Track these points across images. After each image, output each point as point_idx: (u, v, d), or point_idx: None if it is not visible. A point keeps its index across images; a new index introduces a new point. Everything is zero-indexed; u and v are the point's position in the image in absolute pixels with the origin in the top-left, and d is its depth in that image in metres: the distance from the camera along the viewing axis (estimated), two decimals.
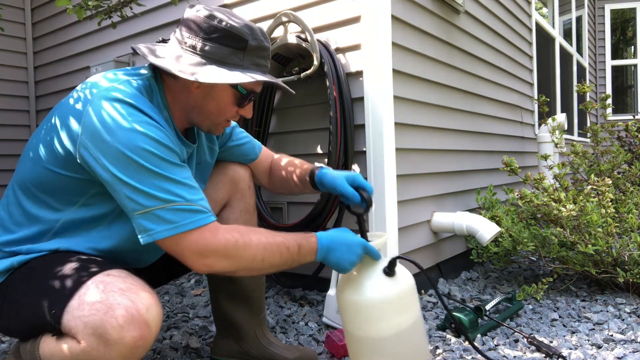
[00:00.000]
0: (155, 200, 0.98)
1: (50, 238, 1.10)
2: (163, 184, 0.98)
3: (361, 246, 1.17)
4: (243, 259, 1.05)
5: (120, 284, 0.95)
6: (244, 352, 1.49)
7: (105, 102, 1.00)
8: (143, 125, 0.99)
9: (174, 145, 1.04)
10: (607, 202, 2.19)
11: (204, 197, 1.05)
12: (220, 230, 1.03)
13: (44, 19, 3.60)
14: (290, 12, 2.03)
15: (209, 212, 1.03)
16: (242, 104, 1.17)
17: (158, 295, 0.99)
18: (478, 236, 2.21)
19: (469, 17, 2.75)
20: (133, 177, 0.97)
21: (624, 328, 1.84)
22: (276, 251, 1.08)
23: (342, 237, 1.17)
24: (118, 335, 0.89)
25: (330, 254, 1.15)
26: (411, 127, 2.20)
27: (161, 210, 0.98)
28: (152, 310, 0.93)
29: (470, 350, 1.64)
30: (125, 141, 0.97)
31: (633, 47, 7.87)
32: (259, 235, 1.08)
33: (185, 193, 1.00)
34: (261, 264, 1.07)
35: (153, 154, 0.98)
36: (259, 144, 1.52)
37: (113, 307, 0.90)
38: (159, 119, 1.05)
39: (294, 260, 1.12)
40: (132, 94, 1.03)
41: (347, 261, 1.15)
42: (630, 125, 3.32)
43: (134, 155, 0.97)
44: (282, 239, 1.10)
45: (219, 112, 1.16)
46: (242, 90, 1.14)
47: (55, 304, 0.95)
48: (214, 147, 1.38)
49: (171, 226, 0.98)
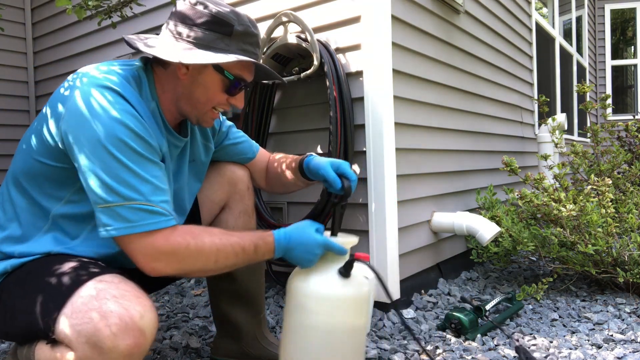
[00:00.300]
0: (116, 195, 0.97)
1: (41, 236, 1.09)
2: (128, 178, 0.98)
3: (319, 246, 1.15)
4: (195, 262, 1.05)
5: (113, 290, 0.94)
6: (243, 353, 1.49)
7: (93, 88, 1.00)
8: (124, 114, 0.99)
9: (151, 139, 1.04)
10: (607, 202, 2.19)
11: (168, 200, 1.04)
12: (174, 234, 1.03)
13: (44, 19, 3.60)
14: (290, 12, 2.03)
15: (168, 216, 1.02)
16: (231, 91, 1.15)
17: (152, 301, 0.98)
18: (478, 236, 2.21)
19: (469, 17, 2.75)
20: (101, 166, 0.97)
21: (624, 328, 1.84)
22: (230, 253, 1.08)
23: (301, 236, 1.16)
24: (112, 343, 0.88)
25: (288, 253, 1.15)
26: (411, 127, 2.20)
27: (120, 208, 0.97)
28: (147, 317, 0.92)
29: (471, 350, 1.64)
30: (102, 127, 0.97)
31: (633, 47, 7.87)
32: (213, 237, 1.08)
33: (148, 192, 1.00)
34: (215, 265, 1.07)
35: (127, 145, 0.98)
36: (256, 145, 1.52)
37: (106, 315, 0.89)
38: (144, 110, 1.06)
39: (250, 260, 1.13)
40: (119, 82, 1.04)
41: (305, 260, 1.15)
42: (630, 125, 3.33)
43: (108, 142, 0.97)
44: (237, 240, 1.10)
45: (207, 99, 1.14)
46: (229, 76, 1.13)
47: (48, 312, 0.94)
48: (210, 144, 1.38)
49: (127, 225, 0.98)
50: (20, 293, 1.03)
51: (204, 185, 1.42)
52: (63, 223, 1.10)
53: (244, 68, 1.15)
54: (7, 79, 3.62)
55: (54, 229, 1.10)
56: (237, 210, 1.44)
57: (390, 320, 1.91)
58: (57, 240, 1.10)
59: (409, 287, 2.14)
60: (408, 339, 1.74)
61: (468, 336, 1.73)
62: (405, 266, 2.10)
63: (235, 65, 1.13)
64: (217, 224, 1.44)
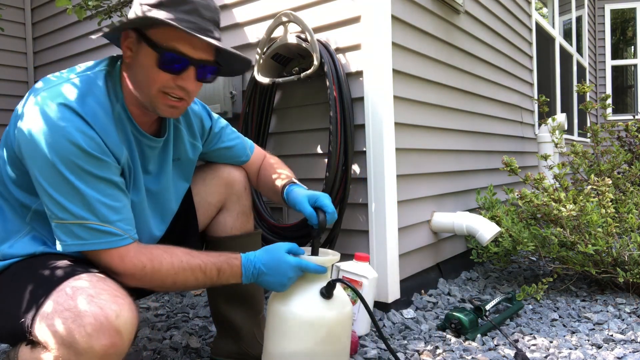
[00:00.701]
0: (68, 214, 0.98)
1: (23, 236, 1.09)
2: (79, 199, 0.98)
3: (292, 269, 1.14)
4: (152, 281, 1.07)
5: (90, 289, 0.92)
6: (243, 353, 1.49)
7: (44, 106, 0.99)
8: (74, 132, 0.97)
9: (105, 155, 1.01)
10: (607, 202, 2.18)
11: (123, 218, 1.04)
12: (129, 256, 1.04)
13: (44, 19, 3.60)
14: (290, 12, 2.03)
15: (123, 235, 1.03)
16: (166, 67, 1.04)
17: (132, 299, 0.97)
18: (478, 236, 2.21)
19: (469, 17, 2.75)
20: (53, 185, 0.97)
21: (624, 328, 1.84)
22: (190, 276, 1.09)
23: (271, 259, 1.15)
24: (87, 344, 0.86)
25: (260, 278, 1.15)
26: (411, 127, 2.20)
27: (73, 226, 0.98)
28: (123, 315, 0.90)
29: (471, 350, 1.64)
30: (52, 147, 0.96)
31: (633, 47, 7.87)
32: (173, 258, 1.08)
33: (101, 212, 1.00)
34: (173, 286, 1.10)
35: (77, 165, 0.97)
36: (250, 144, 1.49)
37: (81, 315, 0.87)
38: (103, 120, 1.03)
39: (213, 283, 1.14)
40: (74, 95, 1.01)
41: (278, 284, 1.14)
42: (630, 125, 3.32)
43: (58, 163, 0.96)
44: (199, 262, 1.11)
45: (148, 80, 1.06)
46: (160, 50, 1.03)
47: (26, 313, 0.94)
48: (197, 143, 1.34)
49: (80, 242, 1.00)
50: (4, 295, 1.02)
51: (200, 187, 1.41)
52: (43, 222, 1.09)
53: (180, 40, 1.03)
54: (7, 79, 3.62)
55: (35, 229, 1.09)
56: (236, 211, 1.44)
57: (390, 320, 1.91)
58: (39, 239, 1.09)
59: (409, 287, 2.15)
60: (408, 339, 1.74)
61: (468, 336, 1.73)
62: (405, 266, 2.11)
63: (167, 37, 1.03)
64: (216, 226, 1.44)
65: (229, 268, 1.13)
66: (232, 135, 1.44)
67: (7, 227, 1.10)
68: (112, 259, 1.03)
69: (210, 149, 1.40)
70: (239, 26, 2.39)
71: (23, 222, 1.09)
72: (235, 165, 1.46)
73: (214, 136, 1.39)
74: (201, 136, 1.36)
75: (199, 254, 1.12)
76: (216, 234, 1.44)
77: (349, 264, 1.81)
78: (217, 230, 1.44)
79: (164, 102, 1.08)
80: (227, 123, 1.45)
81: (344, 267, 1.81)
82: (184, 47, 1.04)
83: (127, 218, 1.05)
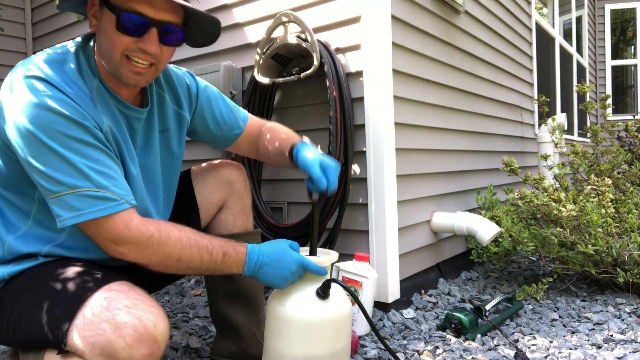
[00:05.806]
0: (60, 185, 0.95)
1: (27, 231, 1.08)
2: (68, 168, 0.95)
3: (296, 263, 1.12)
4: (157, 254, 1.03)
5: (124, 299, 0.93)
6: (242, 353, 1.49)
7: (20, 80, 0.97)
8: (53, 99, 0.95)
9: (87, 120, 0.99)
10: (607, 202, 2.19)
11: (117, 183, 1.00)
12: (134, 221, 1.00)
13: (44, 19, 3.60)
14: (290, 12, 2.03)
15: (119, 200, 0.99)
16: (124, 28, 1.00)
17: (162, 307, 0.98)
18: (478, 236, 2.21)
19: (469, 17, 2.75)
20: (39, 159, 0.95)
21: (624, 328, 1.84)
22: (196, 254, 1.06)
23: (275, 251, 1.13)
24: (127, 354, 0.88)
25: (261, 270, 1.13)
26: (411, 127, 2.20)
27: (67, 196, 0.95)
28: (160, 326, 0.92)
29: (470, 350, 1.64)
30: (32, 118, 0.94)
31: (633, 47, 7.86)
32: (181, 233, 1.05)
33: (94, 178, 0.97)
34: (177, 264, 1.05)
35: (59, 132, 0.95)
36: (244, 115, 1.43)
37: (120, 327, 0.89)
38: (81, 92, 1.01)
39: (217, 268, 1.10)
40: (49, 69, 0.99)
41: (281, 278, 1.13)
42: (630, 125, 3.33)
43: (40, 134, 0.94)
44: (206, 243, 1.08)
45: (110, 44, 1.02)
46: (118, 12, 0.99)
47: (57, 323, 0.93)
48: (183, 112, 1.29)
49: (76, 213, 0.96)
50: (26, 302, 1.01)
51: (201, 186, 1.41)
52: (48, 223, 1.08)
53: (139, 0, 1.00)
54: None
55: (37, 224, 1.08)
56: (236, 209, 1.44)
57: (390, 320, 1.91)
58: (44, 237, 1.08)
59: (409, 287, 2.15)
60: (408, 339, 1.74)
61: (468, 336, 1.73)
62: (405, 266, 2.11)
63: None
64: (217, 224, 1.44)
65: (235, 254, 1.11)
66: (225, 105, 1.39)
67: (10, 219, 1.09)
68: (115, 226, 0.98)
69: (199, 117, 1.34)
70: (239, 26, 2.39)
71: (27, 216, 1.08)
72: (234, 164, 1.47)
73: (203, 103, 1.33)
74: (188, 104, 1.31)
75: (207, 235, 1.10)
76: (217, 232, 1.44)
77: (349, 264, 1.81)
78: (219, 228, 1.44)
79: (128, 68, 1.04)
80: (219, 92, 1.40)
81: (344, 267, 1.81)
82: (143, 7, 1.00)
83: (121, 184, 1.02)
